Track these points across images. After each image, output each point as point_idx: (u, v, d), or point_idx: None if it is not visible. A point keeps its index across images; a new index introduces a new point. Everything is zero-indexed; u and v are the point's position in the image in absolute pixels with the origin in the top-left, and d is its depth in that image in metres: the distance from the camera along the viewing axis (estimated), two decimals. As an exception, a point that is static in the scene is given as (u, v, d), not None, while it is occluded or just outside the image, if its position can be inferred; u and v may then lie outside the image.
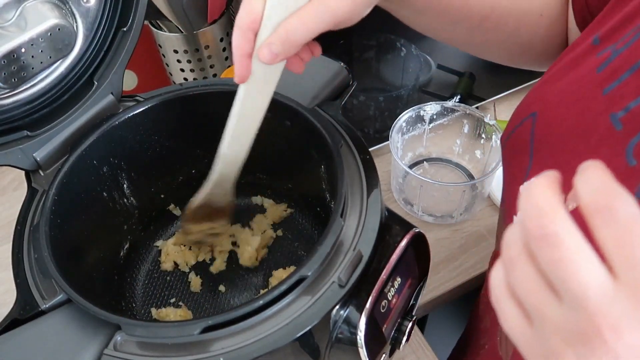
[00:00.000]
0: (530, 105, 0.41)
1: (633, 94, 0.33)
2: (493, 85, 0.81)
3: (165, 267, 0.55)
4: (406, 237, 0.41)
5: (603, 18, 0.39)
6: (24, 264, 0.39)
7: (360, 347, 0.37)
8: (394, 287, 0.40)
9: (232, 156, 0.44)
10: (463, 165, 0.72)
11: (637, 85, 0.33)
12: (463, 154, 0.72)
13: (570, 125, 0.36)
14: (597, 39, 0.38)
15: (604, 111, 0.34)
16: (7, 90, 0.41)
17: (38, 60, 0.40)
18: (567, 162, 0.35)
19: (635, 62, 0.33)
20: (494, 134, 0.65)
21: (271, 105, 0.45)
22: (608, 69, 0.35)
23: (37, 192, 0.44)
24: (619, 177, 0.21)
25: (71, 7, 0.41)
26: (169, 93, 0.48)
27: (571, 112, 0.37)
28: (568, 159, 0.36)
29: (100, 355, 0.34)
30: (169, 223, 0.59)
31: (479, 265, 0.66)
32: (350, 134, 0.45)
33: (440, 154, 0.73)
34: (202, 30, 0.66)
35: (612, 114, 0.33)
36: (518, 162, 0.41)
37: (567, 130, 0.36)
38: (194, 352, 0.34)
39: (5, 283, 0.64)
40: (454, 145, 0.71)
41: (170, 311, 0.51)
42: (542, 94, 0.40)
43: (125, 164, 0.49)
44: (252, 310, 0.34)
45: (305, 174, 0.52)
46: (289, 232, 0.57)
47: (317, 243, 0.36)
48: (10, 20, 0.38)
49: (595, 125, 0.34)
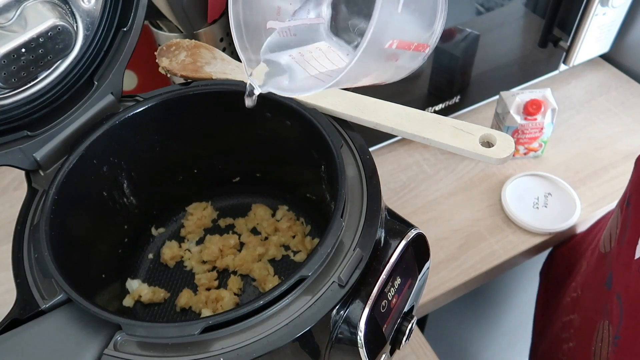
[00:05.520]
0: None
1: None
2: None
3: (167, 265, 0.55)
4: (406, 237, 0.41)
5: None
6: (24, 264, 0.39)
7: (360, 347, 0.37)
8: (394, 287, 0.40)
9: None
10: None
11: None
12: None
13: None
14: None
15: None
16: (7, 90, 0.41)
17: (38, 60, 0.40)
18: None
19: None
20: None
21: (271, 105, 0.46)
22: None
23: (37, 192, 0.44)
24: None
25: (71, 7, 0.41)
26: (169, 93, 0.48)
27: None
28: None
29: (101, 355, 0.34)
30: (170, 222, 0.59)
31: (479, 265, 0.67)
32: (350, 134, 0.45)
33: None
34: (202, 30, 0.66)
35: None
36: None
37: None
38: (194, 352, 0.34)
39: (5, 283, 0.64)
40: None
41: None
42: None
43: (125, 164, 0.49)
44: (252, 310, 0.34)
45: (305, 174, 0.52)
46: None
47: (317, 243, 0.36)
48: (10, 20, 0.38)
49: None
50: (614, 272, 0.51)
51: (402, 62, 0.37)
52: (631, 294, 0.47)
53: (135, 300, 0.53)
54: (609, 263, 0.53)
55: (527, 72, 0.84)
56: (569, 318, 0.63)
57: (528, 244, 0.68)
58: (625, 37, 0.86)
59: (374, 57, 0.33)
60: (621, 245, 0.50)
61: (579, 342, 0.59)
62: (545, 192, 0.73)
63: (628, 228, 0.49)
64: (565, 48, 0.81)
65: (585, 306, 0.59)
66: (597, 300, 0.55)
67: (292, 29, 0.40)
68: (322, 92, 0.46)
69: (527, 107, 0.71)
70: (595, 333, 0.53)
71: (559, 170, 0.76)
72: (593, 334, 0.54)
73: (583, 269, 0.62)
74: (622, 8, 0.79)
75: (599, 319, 0.53)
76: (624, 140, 0.80)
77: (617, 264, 0.50)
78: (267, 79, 0.40)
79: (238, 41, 0.39)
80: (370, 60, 0.34)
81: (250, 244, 0.56)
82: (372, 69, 0.36)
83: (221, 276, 0.55)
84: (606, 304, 0.51)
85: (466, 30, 0.71)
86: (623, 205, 0.51)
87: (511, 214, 0.70)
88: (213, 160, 0.56)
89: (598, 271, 0.56)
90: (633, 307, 0.46)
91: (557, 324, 0.67)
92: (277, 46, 0.40)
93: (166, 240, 0.57)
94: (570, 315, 0.62)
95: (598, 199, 0.72)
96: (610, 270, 0.51)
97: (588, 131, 0.82)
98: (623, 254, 0.49)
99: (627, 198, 0.50)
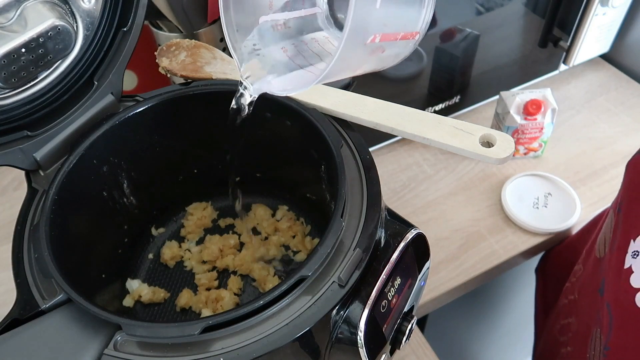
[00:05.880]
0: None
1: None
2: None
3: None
4: (406, 237, 0.41)
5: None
6: (24, 263, 0.39)
7: (361, 347, 0.37)
8: (394, 287, 0.40)
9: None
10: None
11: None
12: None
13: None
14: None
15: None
16: (7, 90, 0.41)
17: (38, 60, 0.40)
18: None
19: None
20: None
21: (271, 105, 0.46)
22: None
23: (37, 192, 0.44)
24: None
25: (71, 7, 0.41)
26: (169, 93, 0.48)
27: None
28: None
29: (101, 355, 0.34)
30: (170, 222, 0.59)
31: (479, 265, 0.67)
32: (350, 134, 0.45)
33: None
34: (202, 30, 0.66)
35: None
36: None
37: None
38: (194, 352, 0.34)
39: (5, 283, 0.64)
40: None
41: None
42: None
43: (125, 164, 0.49)
44: (252, 310, 0.34)
45: (305, 174, 0.52)
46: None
47: (317, 243, 0.36)
48: (10, 20, 0.38)
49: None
50: (605, 280, 0.49)
51: (389, 52, 0.36)
52: (620, 304, 0.45)
53: (135, 300, 0.53)
54: (603, 269, 0.51)
55: (527, 72, 0.84)
56: (567, 321, 0.62)
57: (528, 244, 0.69)
58: (625, 37, 0.86)
59: (356, 53, 0.33)
60: (612, 251, 0.49)
61: (576, 347, 0.58)
62: (545, 192, 0.73)
63: (619, 235, 0.48)
64: (565, 48, 0.81)
65: (581, 311, 0.58)
66: (592, 306, 0.54)
67: (287, 22, 0.40)
68: (322, 92, 0.46)
69: (527, 107, 0.71)
70: (590, 340, 0.52)
71: (559, 170, 0.76)
72: (588, 341, 0.53)
73: (580, 272, 0.61)
74: (622, 8, 0.79)
75: (593, 325, 0.52)
76: (624, 140, 0.80)
77: (609, 271, 0.49)
78: (258, 79, 0.39)
79: (230, 39, 0.39)
80: (353, 57, 0.33)
81: (251, 244, 0.56)
82: (357, 63, 0.35)
83: (221, 276, 0.55)
84: (599, 310, 0.50)
85: (466, 30, 0.71)
86: (616, 210, 0.50)
87: (511, 214, 0.70)
88: (213, 160, 0.56)
89: (593, 276, 0.55)
90: (623, 319, 0.45)
91: (556, 325, 0.66)
92: (271, 40, 0.40)
93: (166, 240, 0.57)
94: (569, 319, 0.62)
95: (598, 199, 0.72)
96: (603, 277, 0.50)
97: (588, 131, 0.82)
98: (613, 260, 0.48)
99: (619, 204, 0.49)
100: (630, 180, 0.48)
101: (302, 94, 0.46)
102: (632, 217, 0.46)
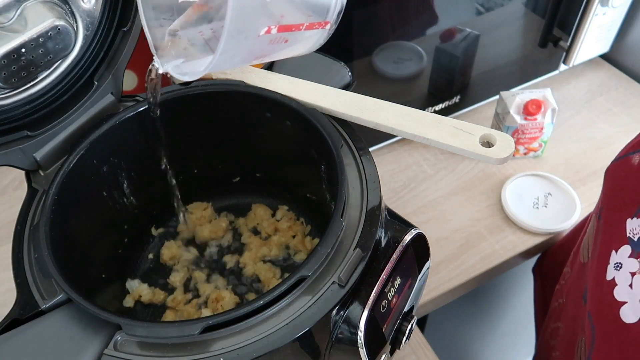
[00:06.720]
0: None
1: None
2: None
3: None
4: (406, 237, 0.41)
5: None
6: (24, 264, 0.39)
7: (361, 347, 0.37)
8: (394, 287, 0.40)
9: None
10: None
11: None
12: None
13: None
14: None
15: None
16: (7, 90, 0.41)
17: (38, 60, 0.40)
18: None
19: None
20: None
21: (271, 105, 0.46)
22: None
23: (37, 192, 0.44)
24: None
25: (71, 7, 0.41)
26: (169, 93, 0.48)
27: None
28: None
29: (101, 355, 0.34)
30: (170, 222, 0.59)
31: (479, 265, 0.67)
32: (350, 134, 0.45)
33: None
34: (202, 30, 0.66)
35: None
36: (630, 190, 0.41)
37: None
38: (194, 352, 0.34)
39: (5, 283, 0.64)
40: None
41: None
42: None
43: (125, 164, 0.49)
44: (252, 310, 0.34)
45: (305, 174, 0.52)
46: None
47: (317, 243, 0.36)
48: (10, 20, 0.38)
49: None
50: (588, 287, 0.47)
51: (296, 41, 0.36)
52: (604, 317, 0.43)
53: (135, 300, 0.52)
54: (587, 275, 0.49)
55: (527, 72, 0.84)
56: (556, 325, 0.61)
57: (528, 244, 0.69)
58: (625, 37, 0.86)
59: (245, 44, 0.32)
60: (593, 259, 0.47)
61: (562, 353, 0.57)
62: (545, 192, 0.73)
63: (599, 242, 0.46)
64: (565, 48, 0.81)
65: (568, 316, 0.56)
66: (577, 312, 0.52)
67: (208, 2, 0.39)
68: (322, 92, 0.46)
69: (527, 107, 0.71)
70: (576, 348, 0.50)
71: (559, 170, 0.76)
72: (574, 348, 0.51)
73: (568, 274, 0.60)
74: (622, 8, 0.79)
75: (579, 332, 0.50)
76: (624, 140, 0.79)
77: (590, 280, 0.47)
78: (168, 60, 0.38)
79: (145, 16, 0.38)
80: (243, 48, 0.33)
81: (253, 245, 0.56)
82: (256, 53, 0.34)
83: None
84: (583, 319, 0.48)
85: (466, 30, 0.71)
86: (597, 216, 0.49)
87: (511, 214, 0.70)
88: (213, 160, 0.56)
89: (579, 281, 0.53)
90: (607, 332, 0.43)
91: (547, 328, 0.65)
92: (192, 22, 0.39)
93: (166, 241, 0.57)
94: (557, 323, 0.60)
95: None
96: (587, 283, 0.48)
97: (588, 131, 0.82)
98: (594, 269, 0.46)
99: (600, 210, 0.48)
100: (608, 188, 0.47)
101: (302, 94, 0.46)
102: (611, 226, 0.45)
